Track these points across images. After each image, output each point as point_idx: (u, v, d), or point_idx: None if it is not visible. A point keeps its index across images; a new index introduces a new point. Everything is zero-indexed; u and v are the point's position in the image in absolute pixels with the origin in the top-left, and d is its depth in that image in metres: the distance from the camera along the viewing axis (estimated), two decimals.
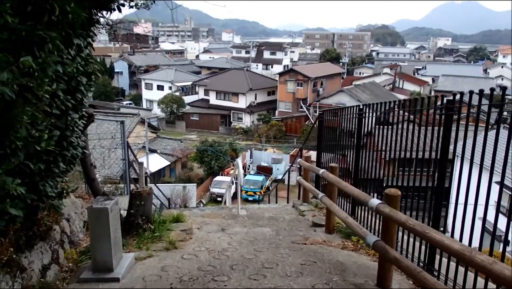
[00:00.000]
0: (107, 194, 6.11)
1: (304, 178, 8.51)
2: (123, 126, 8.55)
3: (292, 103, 58.21)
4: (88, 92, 4.37)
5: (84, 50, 4.08)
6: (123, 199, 8.80)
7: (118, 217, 4.79)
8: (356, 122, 6.72)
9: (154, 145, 41.27)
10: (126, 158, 8.87)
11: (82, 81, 4.11)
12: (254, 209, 8.68)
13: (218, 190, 37.51)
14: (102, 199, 4.70)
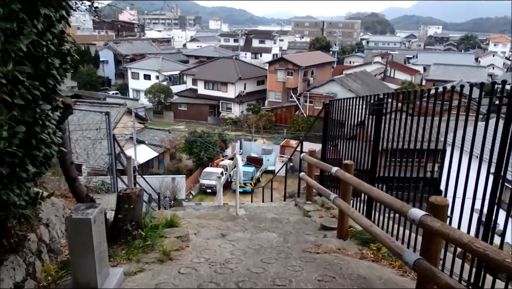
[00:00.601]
0: (91, 197, 5.31)
1: (309, 174, 7.79)
2: (109, 118, 7.75)
3: (282, 93, 57.46)
4: (63, 77, 3.57)
5: (57, 25, 3.27)
6: (110, 198, 8.02)
7: (103, 228, 4.02)
8: (374, 114, 5.97)
9: (142, 136, 40.43)
10: (113, 152, 8.08)
11: (55, 64, 3.31)
12: (254, 208, 7.94)
13: (207, 181, 36.81)
14: (84, 206, 3.92)
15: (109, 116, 7.74)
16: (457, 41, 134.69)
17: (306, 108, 52.69)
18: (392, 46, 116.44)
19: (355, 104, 6.82)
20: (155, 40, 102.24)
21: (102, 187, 11.50)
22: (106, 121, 7.76)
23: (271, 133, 50.81)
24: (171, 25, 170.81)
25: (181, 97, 61.27)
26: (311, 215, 6.91)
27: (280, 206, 8.13)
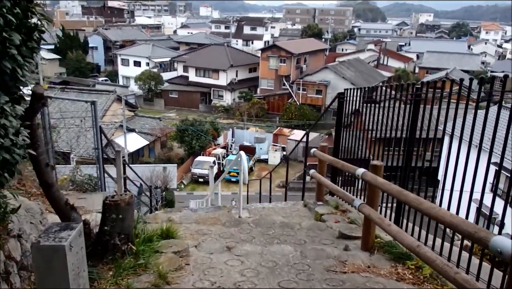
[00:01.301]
0: (71, 205, 4.44)
1: (320, 172, 6.95)
2: (95, 108, 6.84)
3: (274, 80, 56.57)
4: (28, 59, 2.67)
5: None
6: (96, 198, 7.15)
7: (83, 254, 3.15)
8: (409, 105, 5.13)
9: (132, 124, 39.46)
10: (99, 146, 7.18)
11: (14, 41, 2.41)
12: (258, 209, 7.09)
13: (200, 170, 36.10)
14: (57, 227, 3.04)
15: (95, 106, 6.83)
16: (449, 29, 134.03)
17: (299, 96, 51.87)
18: (384, 33, 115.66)
19: (382, 93, 5.94)
20: (145, 26, 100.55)
21: (89, 182, 10.60)
22: (92, 112, 6.85)
23: (264, 122, 49.98)
24: (161, 11, 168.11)
25: (172, 84, 60.37)
26: (325, 219, 6.07)
27: (288, 206, 7.28)
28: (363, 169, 4.73)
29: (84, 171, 10.29)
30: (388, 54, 70.24)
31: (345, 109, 6.85)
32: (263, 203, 7.78)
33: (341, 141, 7.11)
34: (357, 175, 4.75)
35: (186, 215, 6.76)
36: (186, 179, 37.20)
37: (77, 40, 69.45)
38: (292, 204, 7.55)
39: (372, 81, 53.76)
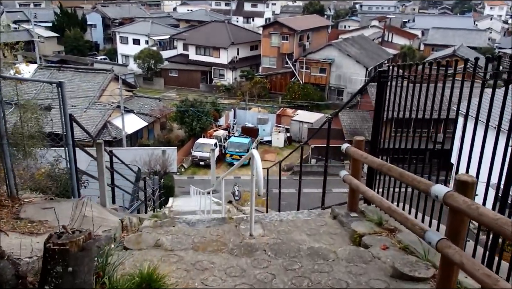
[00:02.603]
0: None
1: (354, 174, 5.35)
2: (62, 91, 5.19)
3: (277, 58, 54.70)
4: None
5: None
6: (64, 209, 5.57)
7: None
8: None
9: (130, 104, 37.96)
10: (70, 140, 5.56)
11: None
12: (274, 224, 5.49)
13: (200, 153, 34.66)
14: None
15: (63, 89, 5.20)
16: (452, 5, 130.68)
17: (302, 74, 50.14)
18: (386, 10, 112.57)
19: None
20: (144, 3, 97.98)
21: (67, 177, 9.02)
22: (59, 96, 5.23)
23: (266, 102, 48.30)
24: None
25: (171, 63, 58.80)
26: (368, 243, 4.47)
27: (312, 219, 5.67)
28: (447, 188, 3.11)
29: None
30: (393, 30, 68.03)
31: (389, 93, 5.17)
32: (280, 214, 6.15)
33: (381, 136, 5.48)
34: (435, 195, 3.14)
35: (180, 233, 5.19)
36: (187, 162, 35.72)
37: (75, 18, 67.59)
38: (317, 214, 5.95)
39: (378, 59, 51.91)
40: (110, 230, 5.42)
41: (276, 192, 15.06)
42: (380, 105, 5.38)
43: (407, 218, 3.67)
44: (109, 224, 5.67)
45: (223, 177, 8.39)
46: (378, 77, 5.28)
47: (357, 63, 47.59)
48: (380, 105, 5.39)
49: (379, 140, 5.52)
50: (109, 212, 6.90)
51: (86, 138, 31.52)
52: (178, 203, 23.33)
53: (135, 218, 9.05)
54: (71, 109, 33.51)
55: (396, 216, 3.91)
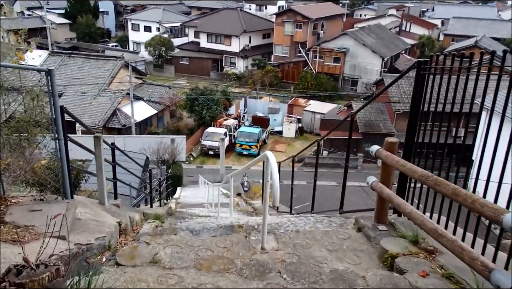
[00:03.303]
0: None
1: (384, 181, 4.65)
2: (51, 79, 4.54)
3: (289, 47, 53.72)
4: None
5: None
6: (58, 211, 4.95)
7: None
8: None
9: (140, 92, 37.44)
10: (60, 133, 4.91)
11: None
12: (290, 235, 4.82)
13: (210, 142, 34.08)
14: None
15: (52, 77, 4.55)
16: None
17: (315, 64, 49.18)
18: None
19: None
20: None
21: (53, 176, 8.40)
22: (48, 85, 4.58)
23: (278, 91, 47.47)
24: None
25: (182, 50, 58.19)
26: (402, 266, 3.76)
27: (333, 230, 4.99)
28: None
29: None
30: (411, 20, 66.38)
31: (430, 87, 4.39)
32: (296, 221, 5.46)
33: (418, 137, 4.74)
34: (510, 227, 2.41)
35: (182, 243, 4.54)
36: (196, 151, 35.14)
37: (87, 5, 67.47)
38: (338, 224, 5.27)
39: (395, 49, 50.74)
40: (105, 237, 4.81)
41: (286, 184, 14.41)
42: (419, 101, 4.61)
43: (462, 248, 2.95)
44: (104, 229, 5.05)
45: (231, 175, 7.72)
46: (418, 69, 4.51)
47: (373, 53, 46.47)
48: (418, 101, 4.62)
49: (415, 142, 4.76)
50: (107, 212, 6.26)
51: (95, 126, 31.32)
52: (186, 193, 22.79)
53: (138, 214, 8.43)
54: (81, 96, 33.40)
55: (446, 243, 3.19)
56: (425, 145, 4.55)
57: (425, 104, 4.50)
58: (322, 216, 7.76)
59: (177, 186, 25.58)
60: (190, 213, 12.00)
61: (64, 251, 4.31)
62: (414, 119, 4.71)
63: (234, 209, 10.71)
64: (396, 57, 50.22)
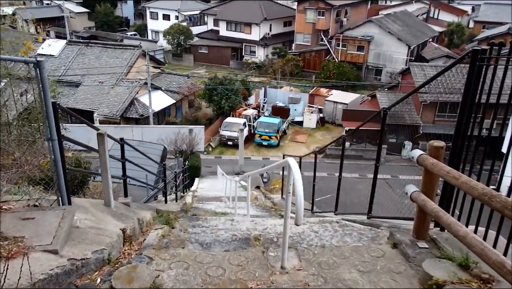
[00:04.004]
0: None
1: (427, 192, 3.95)
2: (41, 72, 3.95)
3: (311, 35, 52.53)
4: None
5: None
6: (51, 220, 4.40)
7: None
8: None
9: (158, 81, 37.06)
10: (53, 133, 4.31)
11: None
12: (314, 252, 4.17)
13: (229, 132, 33.51)
14: None
15: (42, 70, 3.96)
16: None
17: (338, 52, 48.09)
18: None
19: None
20: None
21: None
22: (37, 78, 3.99)
23: (299, 80, 46.58)
24: None
25: (201, 39, 57.53)
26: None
27: (364, 245, 4.32)
28: None
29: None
30: (439, 6, 64.07)
31: (490, 80, 3.64)
32: (322, 236, 4.79)
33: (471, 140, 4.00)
34: None
35: (190, 260, 3.92)
36: (214, 141, 34.62)
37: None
38: (370, 237, 4.59)
39: (422, 36, 49.23)
40: (103, 250, 4.22)
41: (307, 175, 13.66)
42: (473, 97, 3.87)
43: None
44: (104, 239, 4.46)
45: (248, 174, 7.09)
46: (472, 58, 3.76)
47: (398, 41, 45.06)
48: (472, 97, 3.87)
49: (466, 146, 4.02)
50: (112, 216, 5.69)
51: (113, 116, 31.02)
52: (203, 185, 22.33)
53: (149, 212, 7.85)
54: (99, 86, 33.07)
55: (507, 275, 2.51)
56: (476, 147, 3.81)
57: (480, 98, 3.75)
58: (348, 219, 7.10)
59: (195, 176, 25.14)
60: (205, 210, 11.45)
61: (55, 268, 3.76)
62: (467, 116, 3.95)
63: (252, 204, 10.13)
64: (423, 45, 48.70)
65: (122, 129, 29.98)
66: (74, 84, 33.80)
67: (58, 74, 33.26)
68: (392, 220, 6.30)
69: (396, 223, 6.12)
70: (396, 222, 5.97)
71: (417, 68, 33.48)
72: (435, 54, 45.14)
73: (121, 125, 31.03)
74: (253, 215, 8.97)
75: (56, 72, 33.14)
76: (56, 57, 35.90)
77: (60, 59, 35.82)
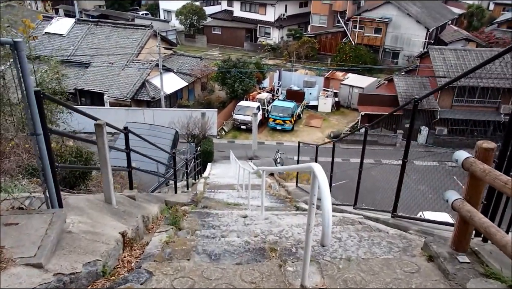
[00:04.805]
0: None
1: (472, 201, 3.33)
2: (19, 55, 3.34)
3: (327, 17, 51.34)
4: None
5: None
6: (37, 225, 3.85)
7: None
8: None
9: (170, 63, 36.40)
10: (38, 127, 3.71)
11: None
12: (337, 264, 3.56)
13: (242, 116, 32.88)
14: None
15: (20, 53, 3.36)
16: None
17: (354, 35, 46.95)
18: None
19: None
20: None
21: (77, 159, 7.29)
22: (16, 63, 3.39)
23: (314, 63, 45.60)
24: None
25: (215, 19, 56.52)
26: None
27: (395, 258, 3.71)
28: None
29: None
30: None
31: None
32: (346, 246, 4.17)
33: None
34: None
35: (196, 275, 3.36)
36: (227, 125, 34.03)
37: None
38: (402, 248, 3.97)
39: (441, 19, 47.84)
40: (97, 261, 3.65)
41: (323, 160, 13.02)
42: None
43: None
44: (99, 247, 3.90)
45: (263, 170, 6.49)
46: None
47: (417, 24, 43.77)
48: None
49: None
50: (113, 215, 5.15)
51: (123, 98, 30.53)
52: (216, 171, 21.83)
53: (157, 205, 7.31)
54: (109, 67, 32.53)
55: None
56: None
57: None
58: (370, 217, 6.50)
59: (208, 161, 24.65)
60: (217, 200, 10.92)
61: (37, 286, 3.20)
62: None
63: (266, 193, 9.57)
64: (442, 28, 47.34)
65: (133, 112, 29.50)
66: (84, 65, 33.25)
67: (67, 54, 32.74)
68: (415, 223, 5.69)
69: (426, 225, 5.51)
70: (426, 225, 5.36)
71: (436, 51, 32.38)
72: (454, 37, 43.85)
73: (132, 108, 30.54)
74: (267, 207, 8.39)
75: (64, 52, 32.62)
76: (64, 36, 35.29)
77: (68, 38, 35.23)
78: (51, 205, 4.09)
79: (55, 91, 10.44)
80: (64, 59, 29.71)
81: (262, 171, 6.53)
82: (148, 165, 13.04)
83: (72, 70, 31.43)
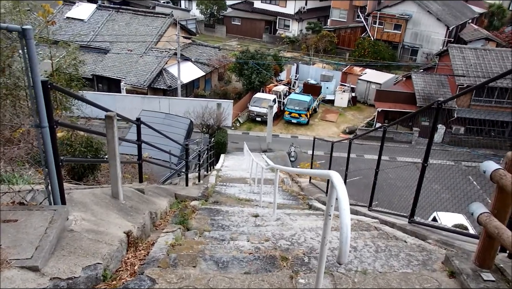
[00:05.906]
0: None
1: (499, 215, 3.07)
2: (28, 44, 3.16)
3: (348, 11, 50.71)
4: None
5: None
6: (37, 223, 3.66)
7: None
8: None
9: (188, 52, 36.23)
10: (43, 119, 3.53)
11: None
12: (352, 277, 3.32)
13: (258, 108, 32.66)
14: None
15: (28, 40, 3.17)
16: None
17: (374, 30, 46.32)
18: None
19: None
20: None
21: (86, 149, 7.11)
22: (23, 52, 3.21)
23: (332, 58, 45.08)
24: None
25: (235, 10, 56.19)
26: None
27: (414, 272, 3.45)
28: None
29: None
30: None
31: None
32: (362, 258, 3.92)
33: None
34: None
35: (201, 284, 3.14)
36: (242, 117, 33.82)
37: None
38: (421, 261, 3.72)
39: (461, 17, 46.97)
40: (97, 265, 3.45)
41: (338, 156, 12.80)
42: None
43: None
44: (102, 247, 3.70)
45: (277, 168, 6.25)
46: None
47: (437, 21, 43.01)
48: None
49: None
50: (119, 211, 4.96)
51: (140, 85, 30.48)
52: (228, 163, 21.66)
53: (165, 201, 7.10)
54: (128, 54, 32.49)
55: None
56: None
57: None
58: (386, 222, 6.24)
59: (221, 153, 24.51)
60: (228, 195, 10.73)
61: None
62: None
63: (278, 189, 9.34)
64: (462, 26, 46.45)
65: (148, 100, 29.43)
66: (103, 51, 33.24)
67: (86, 39, 32.75)
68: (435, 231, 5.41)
69: (444, 234, 5.24)
70: (447, 236, 5.08)
71: (455, 50, 31.76)
72: (474, 36, 42.99)
73: (148, 96, 30.48)
74: (279, 204, 8.16)
75: (84, 37, 32.64)
76: (85, 21, 35.32)
77: (89, 24, 35.25)
78: (53, 201, 3.90)
79: (72, 77, 10.32)
80: (83, 44, 29.68)
81: (276, 169, 6.29)
82: (161, 154, 12.90)
83: (90, 56, 31.43)
